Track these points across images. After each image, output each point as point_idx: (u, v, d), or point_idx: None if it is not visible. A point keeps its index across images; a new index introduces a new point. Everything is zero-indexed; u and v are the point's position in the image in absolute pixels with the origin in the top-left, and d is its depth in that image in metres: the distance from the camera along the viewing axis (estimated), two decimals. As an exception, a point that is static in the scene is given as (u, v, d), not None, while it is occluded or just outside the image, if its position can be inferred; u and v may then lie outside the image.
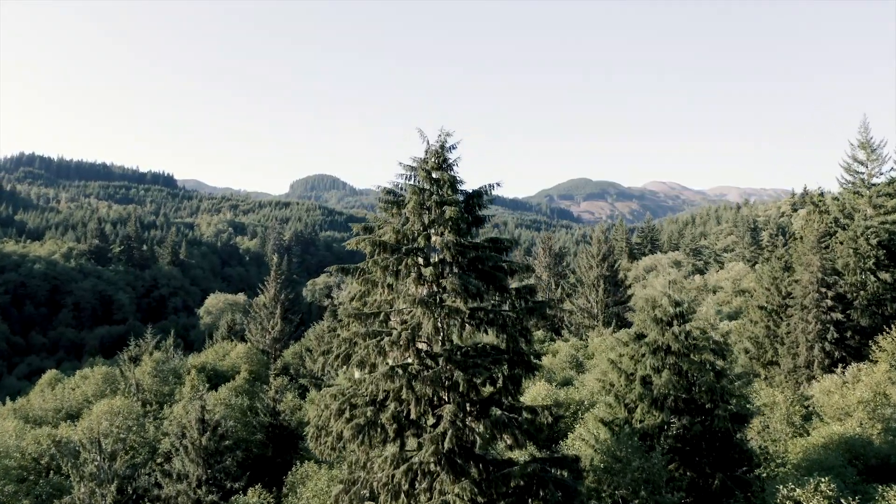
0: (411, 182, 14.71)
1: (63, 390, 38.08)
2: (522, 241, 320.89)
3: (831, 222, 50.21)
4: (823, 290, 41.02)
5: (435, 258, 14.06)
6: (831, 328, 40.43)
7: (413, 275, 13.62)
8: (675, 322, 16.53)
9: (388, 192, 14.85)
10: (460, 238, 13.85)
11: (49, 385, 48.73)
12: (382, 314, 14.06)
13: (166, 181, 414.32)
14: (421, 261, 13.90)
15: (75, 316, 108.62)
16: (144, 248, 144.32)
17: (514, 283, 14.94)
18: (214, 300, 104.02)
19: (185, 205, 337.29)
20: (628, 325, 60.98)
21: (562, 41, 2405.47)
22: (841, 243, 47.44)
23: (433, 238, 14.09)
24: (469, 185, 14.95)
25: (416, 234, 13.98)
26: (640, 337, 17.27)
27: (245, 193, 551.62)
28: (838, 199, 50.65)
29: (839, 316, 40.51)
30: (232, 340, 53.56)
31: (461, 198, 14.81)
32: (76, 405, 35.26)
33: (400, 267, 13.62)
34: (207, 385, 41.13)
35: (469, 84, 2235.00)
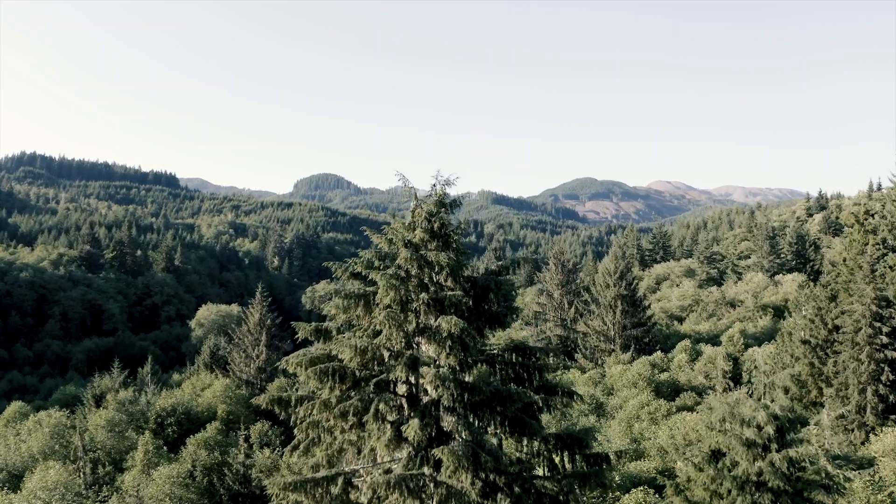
0: (387, 270, 9.32)
1: (10, 441, 33.32)
2: (528, 243, 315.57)
3: (879, 243, 45.21)
4: (877, 324, 36.07)
5: (426, 394, 8.90)
6: (886, 368, 35.55)
7: (388, 432, 8.50)
8: (773, 445, 11.62)
9: (354, 274, 9.74)
10: (467, 356, 8.72)
11: (12, 421, 43.99)
12: (341, 480, 8.97)
13: (168, 181, 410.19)
14: (402, 391, 8.80)
15: (63, 327, 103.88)
16: (139, 253, 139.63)
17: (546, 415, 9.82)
18: (206, 311, 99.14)
19: (186, 205, 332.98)
20: (647, 350, 55.98)
21: (566, 41, 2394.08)
22: (891, 268, 42.52)
23: (423, 348, 9.00)
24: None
25: (394, 352, 8.85)
26: (716, 456, 12.37)
27: (248, 193, 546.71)
28: (886, 218, 45.77)
29: (895, 354, 35.63)
30: (213, 371, 48.74)
31: (468, 288, 9.51)
32: (20, 463, 30.57)
33: (366, 417, 8.53)
34: (178, 431, 36.42)
35: (475, 83, 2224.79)
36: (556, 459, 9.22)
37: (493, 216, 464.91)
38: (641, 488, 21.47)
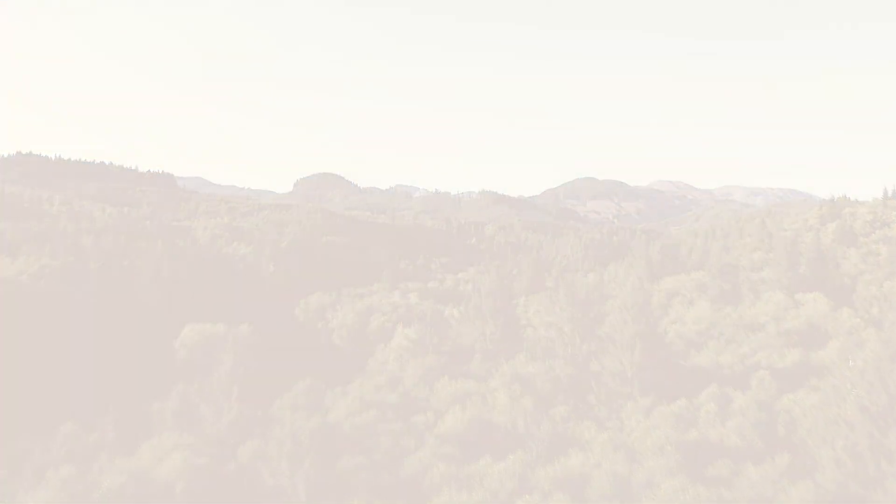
0: None
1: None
2: (530, 246, 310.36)
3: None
4: (951, 393, 30.76)
5: None
6: (960, 446, 30.26)
7: None
8: None
9: None
10: None
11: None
12: None
13: (165, 181, 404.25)
14: None
15: (39, 350, 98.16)
16: (125, 262, 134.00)
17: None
18: (190, 332, 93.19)
19: (182, 206, 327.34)
20: (669, 393, 50.33)
21: (567, 40, 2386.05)
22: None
23: None
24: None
25: None
26: None
27: (247, 193, 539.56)
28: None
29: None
30: (180, 428, 43.16)
31: None
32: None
33: None
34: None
35: (475, 82, 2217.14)
36: None
37: (495, 217, 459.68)
38: None
